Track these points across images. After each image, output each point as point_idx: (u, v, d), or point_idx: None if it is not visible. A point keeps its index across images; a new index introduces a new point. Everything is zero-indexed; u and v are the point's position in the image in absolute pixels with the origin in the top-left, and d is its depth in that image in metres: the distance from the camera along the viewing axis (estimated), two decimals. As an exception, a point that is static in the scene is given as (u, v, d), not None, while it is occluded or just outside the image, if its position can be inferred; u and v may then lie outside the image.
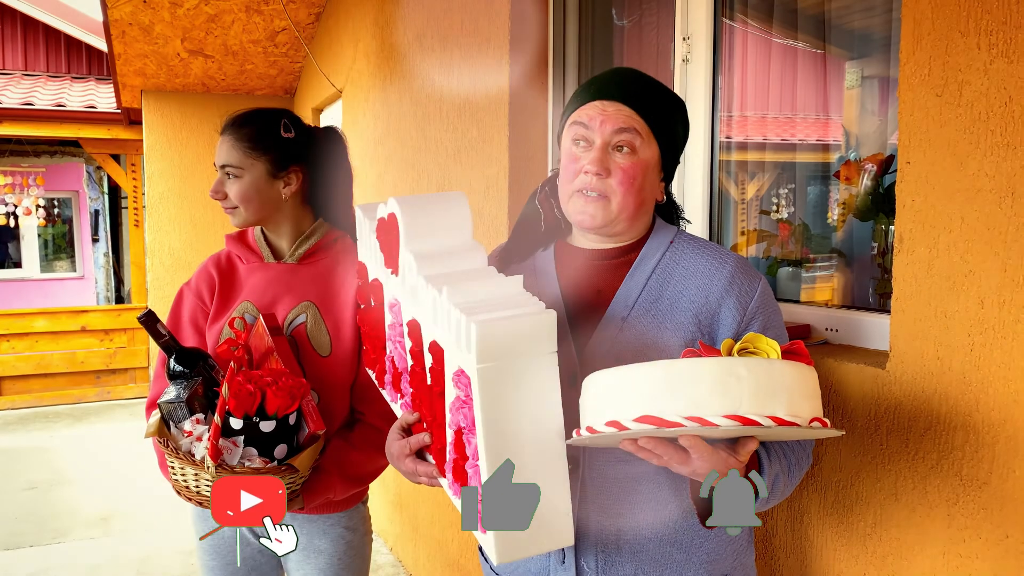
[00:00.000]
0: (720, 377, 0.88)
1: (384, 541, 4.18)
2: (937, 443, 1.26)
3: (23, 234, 10.25)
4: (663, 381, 0.90)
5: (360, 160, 4.29)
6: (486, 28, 2.64)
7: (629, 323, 1.21)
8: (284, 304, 1.74)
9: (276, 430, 1.46)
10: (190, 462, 1.43)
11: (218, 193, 1.73)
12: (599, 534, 1.21)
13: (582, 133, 1.22)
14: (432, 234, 1.20)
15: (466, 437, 1.05)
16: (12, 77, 8.83)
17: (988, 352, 1.18)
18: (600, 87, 1.23)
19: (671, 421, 0.89)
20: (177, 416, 1.50)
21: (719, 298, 1.20)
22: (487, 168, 2.69)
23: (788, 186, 2.14)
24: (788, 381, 0.90)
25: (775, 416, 0.88)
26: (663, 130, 1.22)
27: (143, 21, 4.84)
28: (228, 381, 1.43)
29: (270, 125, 1.73)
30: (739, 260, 1.24)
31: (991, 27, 1.16)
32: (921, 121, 1.26)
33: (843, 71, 1.97)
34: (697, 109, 1.97)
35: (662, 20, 2.27)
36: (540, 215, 1.34)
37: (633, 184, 1.20)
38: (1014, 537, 1.16)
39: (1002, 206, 1.15)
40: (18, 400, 7.47)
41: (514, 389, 1.00)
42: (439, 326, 1.10)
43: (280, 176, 1.74)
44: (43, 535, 4.39)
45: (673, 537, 1.22)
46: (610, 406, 0.95)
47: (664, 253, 1.26)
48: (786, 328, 1.64)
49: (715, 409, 0.88)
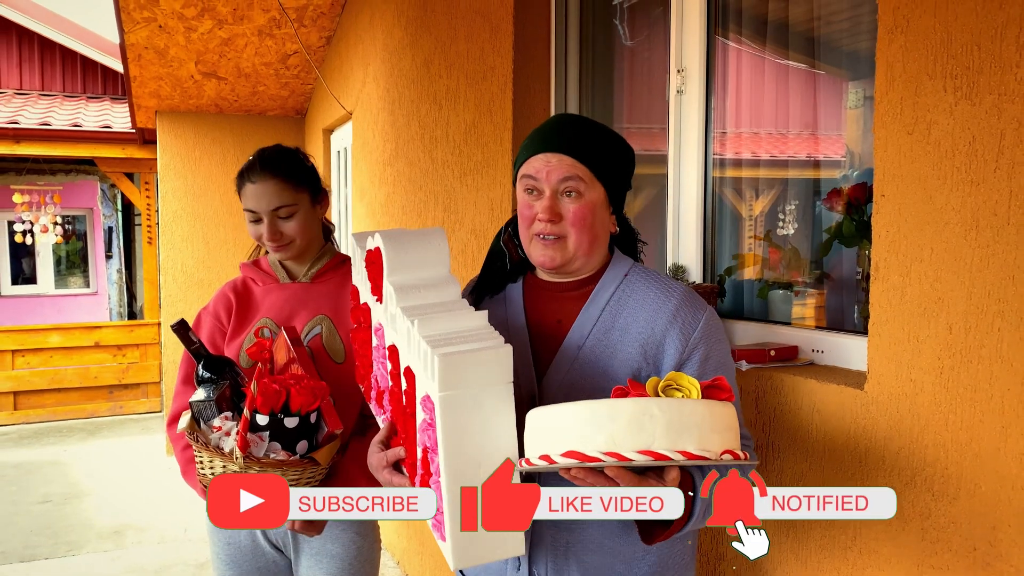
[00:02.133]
0: (635, 416, 0.99)
1: (392, 555, 4.25)
2: (911, 460, 1.33)
3: (38, 251, 10.39)
4: (586, 420, 1.02)
5: (369, 181, 4.39)
6: (491, 56, 2.74)
7: (584, 352, 1.32)
8: (301, 318, 1.87)
9: (299, 426, 1.58)
10: (219, 455, 1.55)
11: (276, 235, 1.83)
12: (551, 544, 1.32)
13: (532, 184, 1.34)
14: (411, 268, 1.32)
15: (430, 456, 1.16)
16: (30, 97, 9.01)
17: (956, 375, 1.25)
18: (543, 140, 1.35)
19: (591, 456, 1.00)
20: (207, 414, 1.64)
21: (664, 329, 1.30)
22: (491, 191, 2.78)
23: (793, 202, 2.19)
24: (698, 418, 1.01)
25: (685, 451, 0.99)
26: (604, 171, 1.34)
27: (158, 45, 4.97)
28: (256, 379, 1.56)
29: (296, 159, 1.86)
30: (686, 292, 1.35)
31: (955, 71, 1.24)
32: (894, 157, 1.34)
33: (844, 91, 2.04)
34: (690, 140, 2.06)
35: (666, 43, 2.35)
36: (505, 255, 1.47)
37: (585, 223, 1.32)
38: (981, 550, 1.23)
39: (967, 238, 1.23)
40: (32, 414, 7.59)
41: (472, 415, 1.12)
42: (412, 354, 1.21)
43: (318, 202, 1.90)
44: (57, 548, 4.47)
45: (616, 550, 1.32)
46: (543, 441, 1.06)
47: (618, 286, 1.37)
48: (775, 349, 1.72)
49: (631, 445, 0.99)
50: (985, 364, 1.21)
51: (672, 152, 2.12)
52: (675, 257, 2.14)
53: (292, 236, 1.84)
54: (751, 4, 2.10)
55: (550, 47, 2.64)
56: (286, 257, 1.89)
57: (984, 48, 1.20)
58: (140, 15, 4.55)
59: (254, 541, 1.92)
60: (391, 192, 4.00)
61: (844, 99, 2.06)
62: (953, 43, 1.24)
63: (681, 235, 2.13)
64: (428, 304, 1.27)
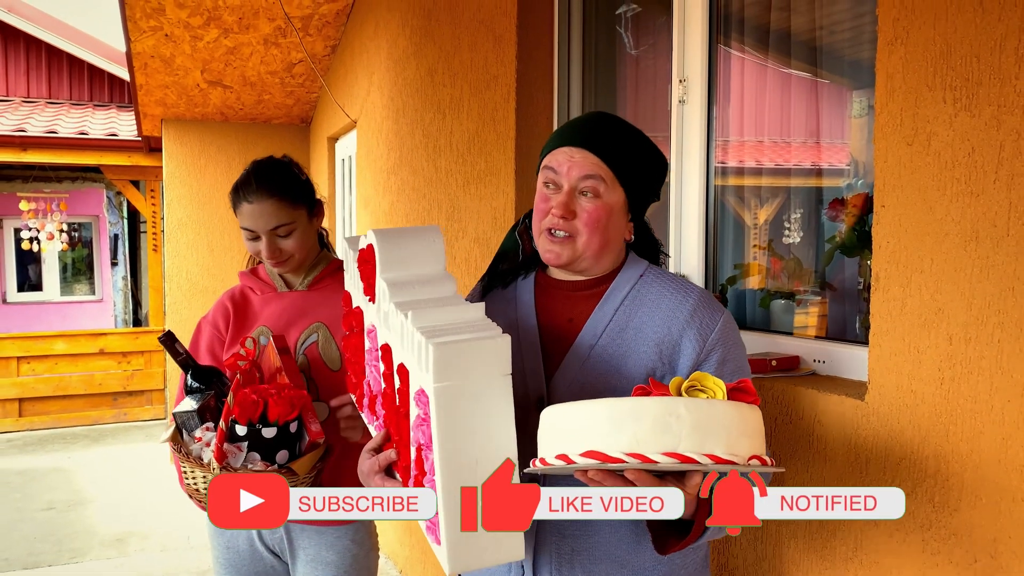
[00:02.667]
0: (661, 416, 0.95)
1: (394, 564, 4.24)
2: (912, 471, 1.33)
3: (44, 258, 10.43)
4: (608, 418, 0.97)
5: (374, 189, 4.40)
6: (494, 66, 2.75)
7: (596, 351, 1.28)
8: (297, 327, 1.88)
9: (278, 436, 1.57)
10: (199, 465, 1.55)
11: (275, 253, 1.83)
12: (556, 551, 1.28)
13: (551, 177, 1.30)
14: (406, 264, 1.28)
15: (424, 454, 1.12)
16: (37, 105, 9.06)
17: (956, 386, 1.25)
18: (570, 134, 1.31)
19: (614, 457, 0.96)
20: (190, 425, 1.64)
21: (681, 330, 1.26)
22: (494, 199, 2.78)
23: (799, 211, 2.17)
24: (727, 420, 0.97)
25: (713, 454, 0.95)
26: (628, 175, 1.29)
27: (164, 54, 5.00)
28: (233, 391, 1.55)
29: (290, 174, 1.86)
30: (703, 294, 1.31)
31: (955, 83, 1.24)
32: (894, 168, 1.34)
33: (848, 100, 2.04)
34: (692, 150, 2.06)
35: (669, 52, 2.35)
36: (519, 247, 1.44)
37: (598, 225, 1.28)
38: (982, 562, 1.23)
39: (967, 249, 1.23)
40: (37, 421, 7.60)
41: (468, 408, 1.07)
42: (405, 349, 1.17)
43: (315, 215, 1.91)
44: (61, 555, 4.48)
45: (625, 559, 1.27)
46: (560, 440, 1.02)
47: (633, 286, 1.33)
48: (776, 359, 1.72)
49: (655, 446, 0.95)
50: (985, 375, 1.21)
51: (674, 162, 2.12)
52: (677, 266, 2.14)
53: (291, 252, 1.85)
54: (754, 14, 2.11)
55: (553, 56, 2.65)
56: (285, 271, 1.91)
57: (983, 60, 1.20)
58: (146, 24, 4.57)
59: (252, 546, 1.93)
60: (395, 201, 4.01)
61: (848, 108, 2.06)
62: (953, 55, 1.24)
63: (683, 244, 2.13)
64: (422, 300, 1.23)
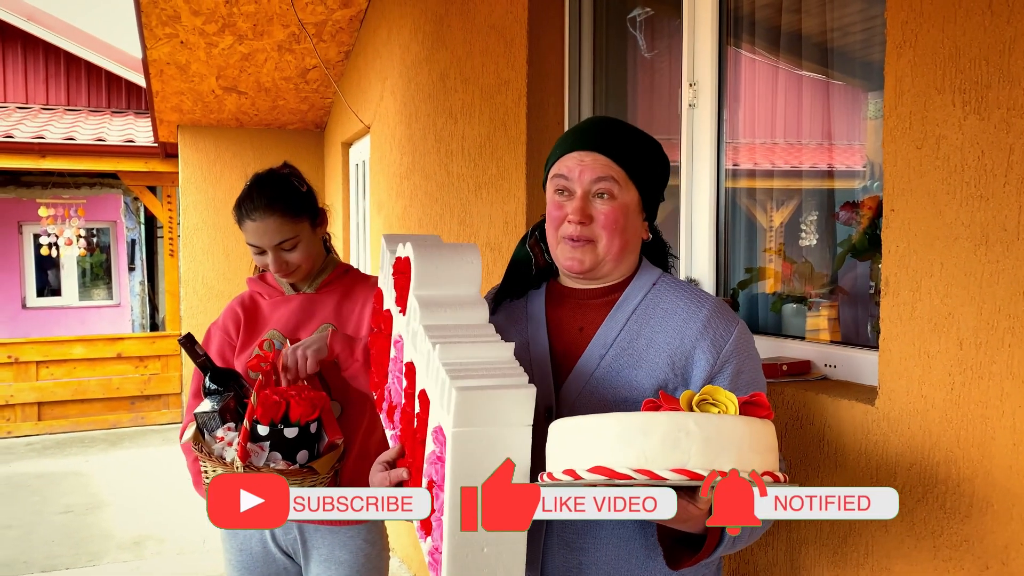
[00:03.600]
0: (670, 431, 0.93)
1: (408, 567, 4.25)
2: (923, 477, 1.32)
3: (63, 263, 10.53)
4: (616, 433, 0.95)
5: (387, 194, 4.42)
6: (505, 70, 2.76)
7: (606, 362, 1.26)
8: (307, 328, 1.92)
9: (299, 436, 1.61)
10: (221, 464, 1.58)
11: (282, 266, 1.87)
12: (562, 566, 1.24)
13: (563, 184, 1.28)
14: (440, 284, 1.26)
15: (435, 491, 1.11)
16: (56, 112, 9.15)
17: (967, 391, 1.24)
18: (577, 138, 1.30)
19: (622, 473, 0.93)
20: (211, 425, 1.68)
21: (694, 340, 1.23)
22: (506, 204, 2.79)
23: (814, 214, 2.16)
24: (737, 436, 0.95)
25: (723, 471, 0.93)
26: (639, 174, 1.28)
27: (180, 60, 5.05)
28: (256, 391, 1.58)
29: (291, 188, 1.88)
30: (717, 303, 1.28)
31: (964, 86, 1.23)
32: (903, 171, 1.34)
33: (863, 102, 2.03)
34: (703, 154, 2.06)
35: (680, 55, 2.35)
36: (531, 259, 1.41)
37: (616, 227, 1.26)
38: (993, 569, 1.22)
39: (977, 253, 1.22)
40: (55, 425, 7.67)
41: (485, 456, 1.05)
42: (429, 378, 1.16)
43: (318, 224, 1.93)
44: (78, 558, 4.52)
45: (635, 574, 1.23)
46: (568, 454, 1.00)
47: (646, 295, 1.30)
48: (787, 364, 1.72)
49: (664, 462, 0.92)
50: (996, 380, 1.20)
51: (684, 166, 2.12)
52: (688, 270, 2.14)
53: (298, 263, 1.89)
54: (765, 16, 2.10)
55: (564, 61, 2.65)
56: (293, 280, 1.96)
57: (992, 63, 1.19)
58: (162, 31, 4.62)
59: (265, 548, 1.95)
60: (408, 205, 4.02)
61: (863, 110, 2.04)
62: (961, 58, 1.24)
63: (694, 248, 2.12)
64: (453, 325, 1.21)
